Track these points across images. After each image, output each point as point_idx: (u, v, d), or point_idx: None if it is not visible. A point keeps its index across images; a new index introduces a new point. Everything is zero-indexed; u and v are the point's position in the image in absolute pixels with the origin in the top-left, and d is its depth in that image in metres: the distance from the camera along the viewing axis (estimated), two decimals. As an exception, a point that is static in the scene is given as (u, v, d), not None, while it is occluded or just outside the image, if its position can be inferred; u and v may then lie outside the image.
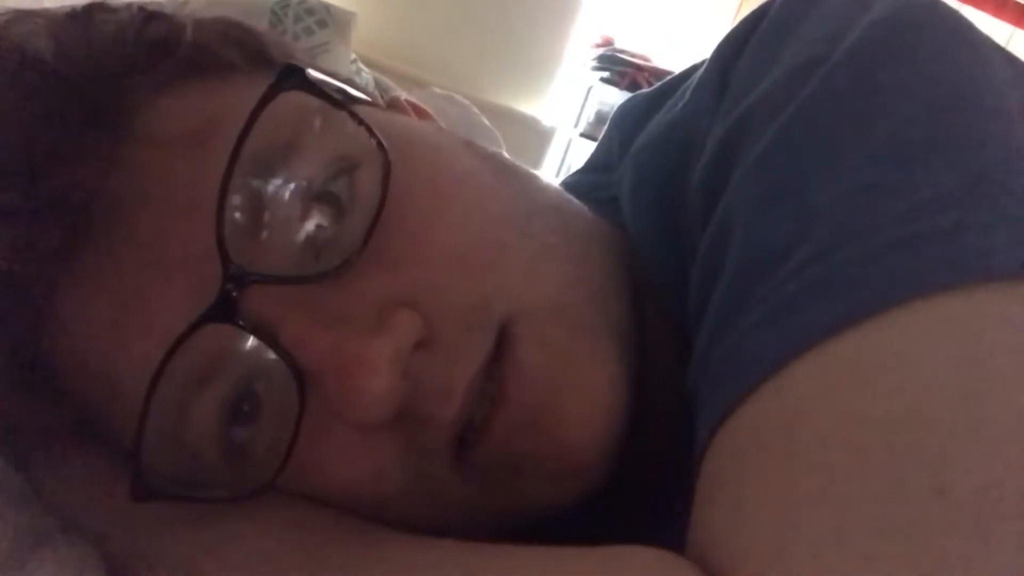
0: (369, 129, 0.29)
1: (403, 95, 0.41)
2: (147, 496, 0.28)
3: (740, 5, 2.60)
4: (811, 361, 0.25)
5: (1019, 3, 2.64)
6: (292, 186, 0.29)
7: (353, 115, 0.30)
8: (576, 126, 2.51)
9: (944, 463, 0.22)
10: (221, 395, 0.29)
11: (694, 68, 0.38)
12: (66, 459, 0.34)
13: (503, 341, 0.30)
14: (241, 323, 0.28)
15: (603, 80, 2.46)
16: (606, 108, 2.39)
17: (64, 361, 0.31)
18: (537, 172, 0.39)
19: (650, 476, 0.33)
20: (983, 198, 0.25)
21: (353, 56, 0.78)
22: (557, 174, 2.43)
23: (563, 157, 2.53)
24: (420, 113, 0.41)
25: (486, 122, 0.88)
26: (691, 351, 0.31)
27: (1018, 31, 2.63)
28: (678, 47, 2.54)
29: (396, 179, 0.29)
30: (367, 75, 0.80)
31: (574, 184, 0.46)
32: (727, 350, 0.27)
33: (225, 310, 0.28)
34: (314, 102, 0.29)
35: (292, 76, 0.29)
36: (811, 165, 0.28)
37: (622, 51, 2.50)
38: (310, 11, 0.74)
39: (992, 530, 0.21)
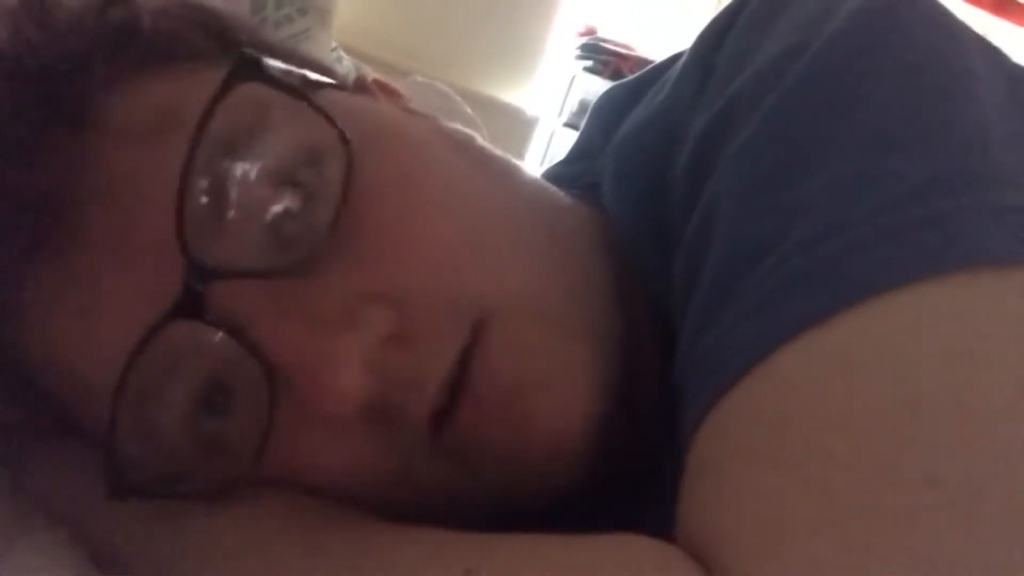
0: (329, 119, 0.29)
1: (372, 75, 0.40)
2: (124, 494, 0.28)
3: (722, -6, 2.60)
4: (798, 350, 0.25)
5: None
6: (255, 175, 0.28)
7: (313, 105, 0.29)
8: (560, 115, 2.50)
9: (935, 453, 0.22)
10: (192, 388, 0.29)
11: (674, 58, 0.38)
12: (46, 455, 0.34)
13: (476, 337, 0.29)
14: (208, 318, 0.27)
15: (586, 69, 2.45)
16: (589, 97, 2.38)
17: (36, 358, 0.31)
18: (519, 162, 0.39)
19: (635, 466, 0.33)
20: (964, 187, 0.25)
21: (334, 44, 0.78)
22: (541, 163, 2.43)
23: (546, 146, 2.52)
24: (389, 93, 0.40)
25: (468, 111, 0.88)
26: (674, 339, 0.30)
27: (996, 20, 2.65)
28: (661, 36, 2.54)
29: (364, 168, 0.29)
30: (348, 63, 0.80)
31: (555, 175, 0.46)
32: (714, 340, 0.27)
33: (191, 305, 0.27)
34: (273, 92, 0.29)
35: (248, 67, 0.28)
36: (792, 157, 0.28)
37: (605, 40, 2.49)
38: (291, -2, 0.73)
39: (982, 519, 0.21)
